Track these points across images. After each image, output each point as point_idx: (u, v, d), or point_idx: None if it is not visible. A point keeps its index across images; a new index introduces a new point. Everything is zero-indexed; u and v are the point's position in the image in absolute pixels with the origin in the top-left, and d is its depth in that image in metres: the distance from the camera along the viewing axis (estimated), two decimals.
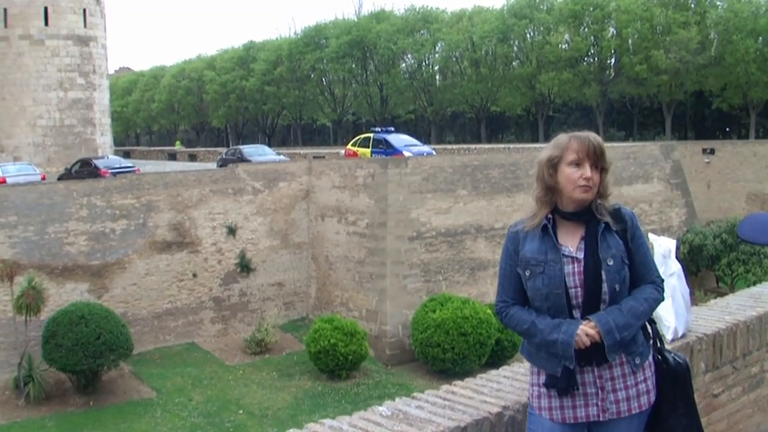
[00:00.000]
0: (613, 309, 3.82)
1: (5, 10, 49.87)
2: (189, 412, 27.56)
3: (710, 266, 39.08)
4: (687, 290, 5.49)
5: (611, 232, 3.91)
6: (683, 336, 5.32)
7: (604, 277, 3.83)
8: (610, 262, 3.84)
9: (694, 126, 70.87)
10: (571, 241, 3.92)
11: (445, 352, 29.28)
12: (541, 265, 3.88)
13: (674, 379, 4.08)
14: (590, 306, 3.84)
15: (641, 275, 3.98)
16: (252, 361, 32.31)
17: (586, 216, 3.93)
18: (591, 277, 3.84)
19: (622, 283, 3.88)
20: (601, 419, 3.90)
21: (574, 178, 3.86)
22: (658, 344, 4.15)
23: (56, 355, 27.26)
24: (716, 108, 62.00)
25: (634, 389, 3.90)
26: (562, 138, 3.98)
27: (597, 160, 3.89)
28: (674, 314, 5.28)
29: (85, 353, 26.95)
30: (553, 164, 3.93)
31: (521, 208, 34.10)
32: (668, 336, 5.24)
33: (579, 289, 3.85)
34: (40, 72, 50.17)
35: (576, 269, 3.86)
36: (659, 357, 4.10)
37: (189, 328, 34.55)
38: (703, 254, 38.52)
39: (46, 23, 50.21)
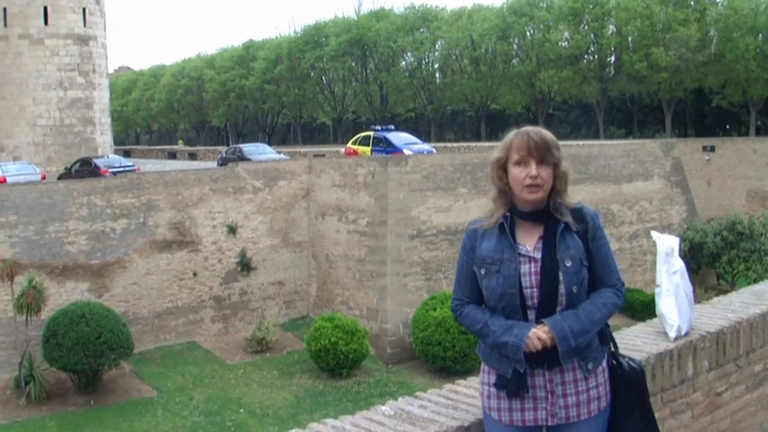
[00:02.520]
0: (570, 314, 3.73)
1: (5, 9, 49.90)
2: (190, 411, 27.55)
3: (711, 264, 39.09)
4: (690, 288, 5.47)
5: (571, 233, 3.81)
6: (686, 334, 5.30)
7: (561, 278, 3.74)
8: (568, 263, 3.75)
9: (694, 123, 70.86)
10: (528, 241, 3.84)
11: (446, 350, 29.27)
12: (496, 263, 3.81)
13: (629, 384, 4.00)
14: (546, 308, 3.75)
15: (601, 278, 3.89)
16: (253, 360, 32.30)
17: (544, 216, 3.83)
18: (548, 277, 3.75)
19: (579, 285, 3.79)
20: (549, 424, 3.83)
21: (520, 178, 3.76)
22: (612, 348, 4.06)
23: (57, 355, 27.24)
24: (716, 105, 61.99)
25: (585, 395, 3.83)
26: (507, 137, 3.89)
27: (543, 155, 3.76)
28: (677, 312, 5.26)
29: (85, 352, 26.93)
30: (501, 165, 3.86)
31: None
32: (672, 334, 5.22)
33: (535, 289, 3.76)
34: (40, 71, 50.18)
35: (532, 269, 3.77)
36: (614, 362, 4.03)
37: (189, 327, 34.54)
38: (704, 252, 38.52)
39: (46, 22, 50.22)
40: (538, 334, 3.67)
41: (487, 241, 3.88)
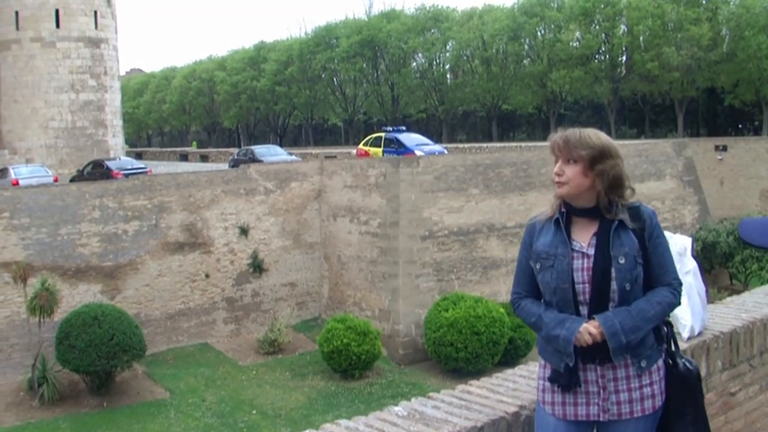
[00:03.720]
0: (622, 310, 3.76)
1: (17, 12, 50.09)
2: (202, 413, 27.60)
3: (724, 264, 38.95)
4: (703, 288, 5.46)
5: (626, 230, 3.84)
6: (700, 334, 5.29)
7: (613, 275, 3.77)
8: (622, 260, 3.78)
9: (707, 123, 70.68)
10: (583, 237, 3.88)
11: (458, 351, 29.25)
12: (551, 258, 3.86)
13: (683, 385, 4.00)
14: (598, 303, 3.79)
15: (657, 276, 3.90)
16: (265, 361, 32.33)
17: (597, 213, 3.87)
18: (599, 273, 3.79)
19: (633, 282, 3.80)
20: (601, 419, 3.85)
21: (552, 175, 3.91)
22: (672, 348, 4.06)
23: (70, 356, 27.32)
24: (728, 104, 61.82)
25: (638, 392, 3.84)
26: None
27: (566, 153, 3.85)
28: (690, 312, 5.25)
29: (98, 354, 27.01)
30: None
31: (534, 206, 34.09)
32: (685, 334, 5.21)
33: (587, 285, 3.80)
34: (52, 74, 50.36)
35: (585, 265, 3.81)
36: (670, 361, 4.02)
37: (202, 328, 34.60)
38: (717, 252, 38.39)
39: (58, 25, 50.40)
40: (589, 329, 3.71)
41: (543, 236, 3.94)
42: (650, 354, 3.88)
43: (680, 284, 3.98)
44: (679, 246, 5.38)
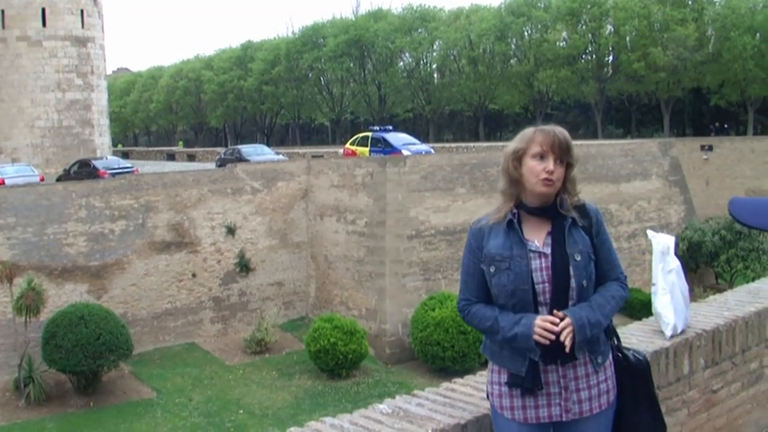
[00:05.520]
0: (584, 305, 3.76)
1: (2, 11, 49.88)
2: (189, 412, 27.58)
3: (709, 263, 39.12)
4: (686, 287, 5.49)
5: (577, 228, 3.84)
6: (683, 332, 5.33)
7: (572, 272, 3.76)
8: (578, 258, 3.77)
9: (692, 123, 70.90)
10: (537, 236, 3.85)
11: (445, 350, 29.30)
12: (506, 260, 3.80)
13: (635, 377, 4.03)
14: (558, 302, 3.75)
15: (606, 272, 3.92)
16: (252, 361, 32.33)
17: (552, 211, 3.85)
18: (559, 272, 3.76)
19: (588, 279, 3.81)
20: (564, 419, 3.83)
21: (537, 170, 3.78)
22: (616, 342, 4.07)
23: (56, 356, 27.27)
24: (714, 105, 62.03)
25: (596, 389, 3.84)
26: (528, 131, 3.92)
27: (562, 154, 3.81)
28: (673, 311, 5.29)
29: (84, 354, 26.96)
30: (517, 156, 3.86)
31: None
32: (668, 333, 5.25)
33: (547, 284, 3.77)
34: (38, 73, 50.16)
35: (543, 264, 3.78)
36: (619, 355, 4.04)
37: (189, 328, 34.56)
38: (702, 251, 38.55)
39: (44, 24, 50.21)
40: (548, 319, 3.69)
41: (494, 238, 3.88)
42: (604, 350, 3.90)
43: (626, 278, 4.01)
44: (662, 245, 5.42)
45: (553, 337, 3.66)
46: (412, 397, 4.39)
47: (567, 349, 3.65)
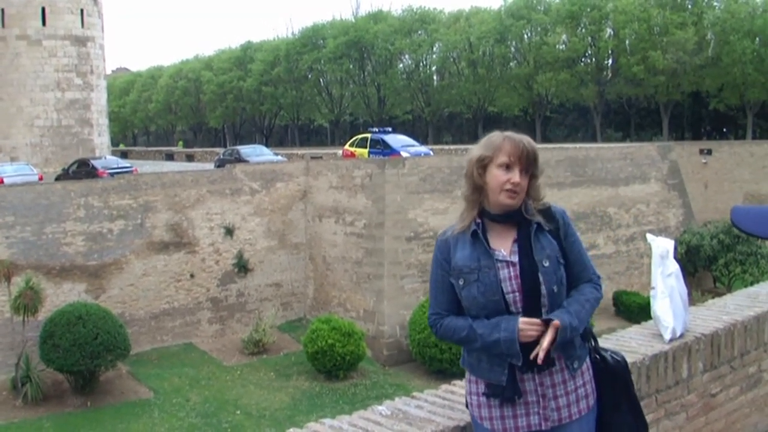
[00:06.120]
0: (562, 311, 3.68)
1: (2, 10, 49.85)
2: (186, 413, 27.56)
3: (707, 267, 39.11)
4: (685, 290, 5.49)
5: (544, 232, 3.77)
6: (681, 336, 5.33)
7: (541, 279, 3.69)
8: (546, 264, 3.70)
9: (691, 126, 70.94)
10: (503, 245, 3.77)
11: (443, 352, 29.26)
12: (474, 272, 3.72)
13: (614, 379, 3.98)
14: (530, 310, 3.68)
15: (578, 274, 3.86)
16: (249, 362, 32.31)
17: (516, 217, 3.78)
18: (528, 280, 3.69)
19: (560, 284, 3.74)
20: (543, 428, 3.77)
21: (502, 181, 3.70)
22: (592, 343, 4.01)
23: (54, 356, 27.25)
24: (713, 108, 62.07)
25: (574, 394, 3.79)
26: (495, 137, 3.81)
27: (528, 165, 3.73)
28: (672, 314, 5.29)
29: (82, 354, 26.94)
30: (483, 164, 3.78)
31: None
32: (666, 336, 5.25)
33: (517, 294, 3.70)
34: (38, 72, 50.14)
35: (512, 273, 3.71)
36: (597, 357, 3.99)
37: (186, 328, 34.55)
38: (701, 255, 38.55)
39: (44, 23, 50.19)
40: (529, 321, 3.63)
41: (460, 250, 3.81)
42: (580, 354, 3.84)
43: (599, 278, 3.94)
44: (661, 249, 5.42)
45: (534, 334, 3.62)
46: (412, 399, 4.39)
47: (540, 357, 3.59)
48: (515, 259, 3.74)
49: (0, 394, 28.49)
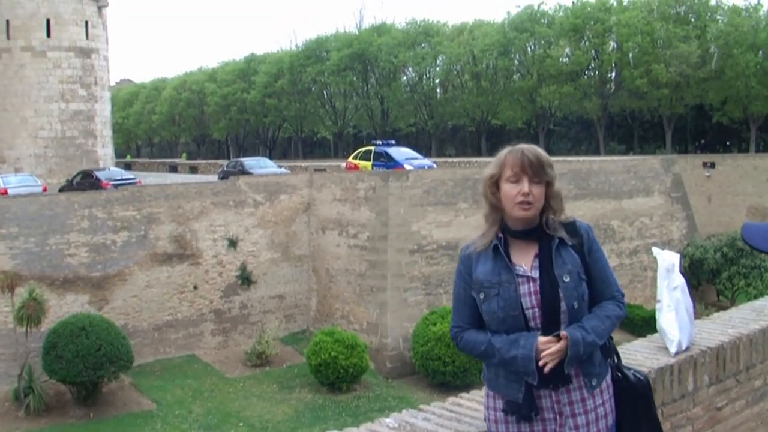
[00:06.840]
0: (577, 326, 3.65)
1: (8, 21, 50.00)
2: (189, 425, 27.51)
3: (711, 280, 39.07)
4: (690, 303, 5.49)
5: (566, 248, 3.74)
6: (687, 349, 5.33)
7: (561, 295, 3.66)
8: (567, 279, 3.67)
9: (695, 140, 70.95)
10: (524, 260, 3.76)
11: (446, 365, 29.24)
12: (495, 287, 3.71)
13: (635, 397, 3.95)
14: (549, 326, 3.65)
15: (601, 291, 3.83)
16: (252, 374, 32.27)
17: (537, 233, 3.77)
18: (548, 296, 3.67)
19: (580, 300, 3.71)
20: None
21: (513, 194, 3.70)
22: (616, 361, 3.99)
23: (56, 367, 27.23)
24: (716, 122, 62.09)
25: (593, 413, 3.74)
26: (501, 153, 3.83)
27: (535, 173, 3.70)
28: (678, 328, 5.29)
29: (85, 365, 26.92)
30: (494, 182, 3.81)
31: None
32: (672, 349, 5.25)
33: (536, 309, 3.67)
34: (42, 83, 50.26)
35: (532, 289, 3.69)
36: (619, 374, 3.96)
37: (189, 340, 34.53)
38: (704, 268, 38.51)
39: (48, 35, 50.33)
40: (548, 340, 3.60)
41: (482, 264, 3.80)
42: (599, 372, 3.80)
43: (623, 296, 3.91)
44: (667, 262, 5.43)
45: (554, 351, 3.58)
46: (419, 411, 4.39)
47: (548, 366, 3.56)
48: (536, 274, 3.72)
49: (2, 405, 28.47)
